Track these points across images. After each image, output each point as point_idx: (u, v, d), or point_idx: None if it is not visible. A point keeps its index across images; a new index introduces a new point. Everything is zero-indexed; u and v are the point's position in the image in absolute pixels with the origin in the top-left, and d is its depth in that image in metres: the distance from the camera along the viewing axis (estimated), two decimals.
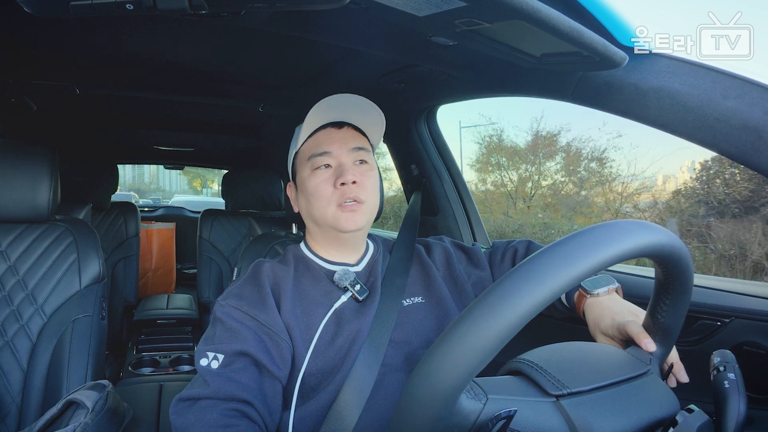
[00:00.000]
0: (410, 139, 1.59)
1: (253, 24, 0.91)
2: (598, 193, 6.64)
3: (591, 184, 6.70)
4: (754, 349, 0.88)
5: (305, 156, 0.88)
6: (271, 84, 1.58)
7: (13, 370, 1.13)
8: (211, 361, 0.74)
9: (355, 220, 0.84)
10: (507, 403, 0.45)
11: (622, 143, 7.42)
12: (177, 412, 0.71)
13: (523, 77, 1.03)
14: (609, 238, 0.42)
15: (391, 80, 1.31)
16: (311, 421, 0.76)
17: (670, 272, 0.51)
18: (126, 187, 15.45)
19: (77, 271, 1.22)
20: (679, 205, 5.31)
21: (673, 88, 0.77)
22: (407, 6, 0.68)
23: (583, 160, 6.66)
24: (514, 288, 0.38)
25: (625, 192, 6.20)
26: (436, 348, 0.39)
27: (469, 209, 1.58)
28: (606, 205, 6.33)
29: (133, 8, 0.57)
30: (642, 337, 0.61)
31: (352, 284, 0.84)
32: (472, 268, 0.99)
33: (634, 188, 6.19)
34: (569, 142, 6.79)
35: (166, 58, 1.35)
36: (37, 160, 1.18)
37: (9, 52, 1.24)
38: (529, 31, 0.69)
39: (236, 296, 0.81)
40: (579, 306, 0.82)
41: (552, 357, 0.53)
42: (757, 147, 0.69)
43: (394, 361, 0.80)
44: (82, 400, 0.94)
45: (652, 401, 0.51)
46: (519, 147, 6.87)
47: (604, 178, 6.53)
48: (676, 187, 5.92)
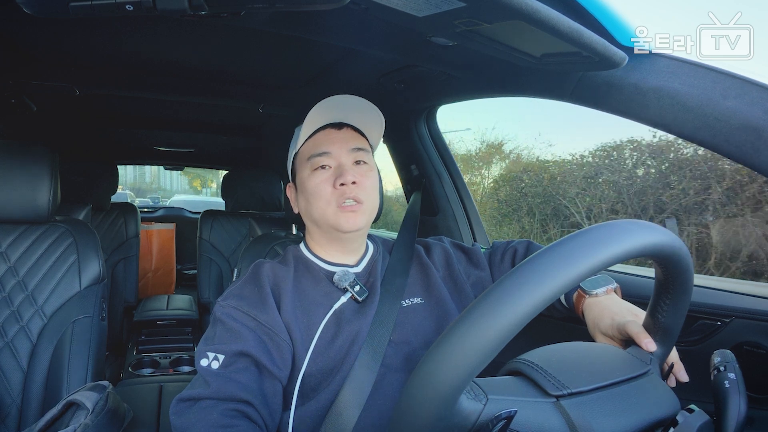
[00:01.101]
0: (410, 139, 1.59)
1: (253, 24, 0.91)
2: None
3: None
4: (755, 349, 0.88)
5: (305, 156, 0.88)
6: (271, 84, 1.58)
7: (14, 371, 1.13)
8: (211, 361, 0.74)
9: (355, 221, 0.84)
10: (507, 403, 0.45)
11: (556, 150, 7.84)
12: (177, 413, 0.71)
13: (523, 77, 1.03)
14: (609, 238, 0.42)
15: (390, 80, 1.31)
16: (311, 422, 0.76)
17: (671, 272, 0.51)
18: (128, 187, 15.57)
19: (77, 271, 1.22)
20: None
21: (673, 88, 0.77)
22: (407, 6, 0.68)
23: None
24: (514, 288, 0.38)
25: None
26: (436, 348, 0.39)
27: (469, 209, 1.58)
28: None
29: (132, 9, 0.57)
30: (642, 337, 0.61)
31: (352, 285, 0.84)
32: (471, 268, 0.99)
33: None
34: (512, 150, 7.16)
35: (166, 59, 1.35)
36: (37, 161, 1.18)
37: (9, 52, 1.24)
38: (529, 31, 0.69)
39: (236, 297, 0.81)
40: (578, 306, 0.82)
41: (552, 357, 0.53)
42: (757, 147, 0.69)
43: (393, 362, 0.80)
44: (82, 400, 0.94)
45: (652, 401, 0.51)
46: (472, 154, 7.17)
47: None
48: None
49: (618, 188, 4.42)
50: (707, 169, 3.66)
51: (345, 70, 1.34)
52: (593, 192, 4.67)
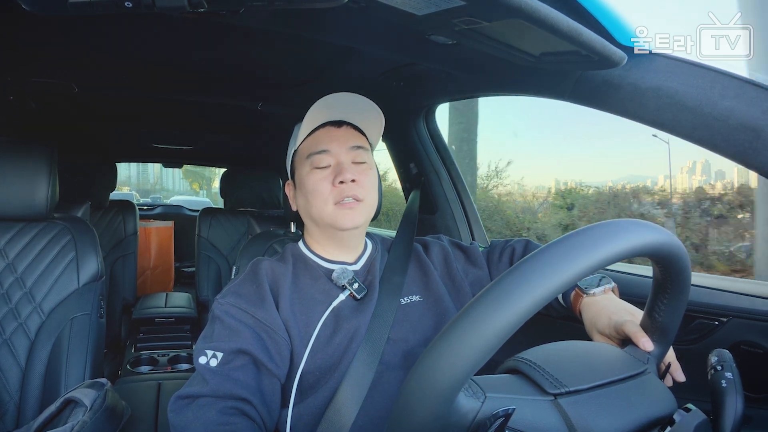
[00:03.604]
0: (409, 137, 1.59)
1: (252, 22, 0.91)
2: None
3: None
4: (752, 349, 0.88)
5: (304, 154, 0.88)
6: (270, 82, 1.57)
7: (12, 369, 1.12)
8: (209, 359, 0.74)
9: (353, 218, 0.84)
10: (505, 401, 0.45)
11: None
12: (175, 410, 0.71)
13: (522, 76, 1.03)
14: (607, 237, 0.42)
15: (390, 79, 1.31)
16: (309, 419, 0.76)
17: (668, 271, 0.51)
18: (135, 188, 15.71)
19: (75, 269, 1.21)
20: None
21: (672, 88, 0.77)
22: (406, 5, 0.68)
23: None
24: (512, 287, 0.38)
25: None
26: (434, 346, 0.39)
27: (468, 208, 1.58)
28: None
29: (131, 6, 0.57)
30: (639, 337, 0.61)
31: (350, 283, 0.84)
32: (470, 266, 0.99)
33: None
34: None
35: (165, 56, 1.35)
36: (36, 158, 1.17)
37: (8, 50, 1.24)
38: (528, 30, 0.69)
39: (235, 294, 0.82)
40: (575, 305, 0.82)
41: (550, 356, 0.53)
42: (755, 146, 0.69)
43: (391, 360, 0.80)
44: (80, 398, 0.94)
45: (649, 400, 0.51)
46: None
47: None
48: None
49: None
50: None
51: (344, 68, 1.34)
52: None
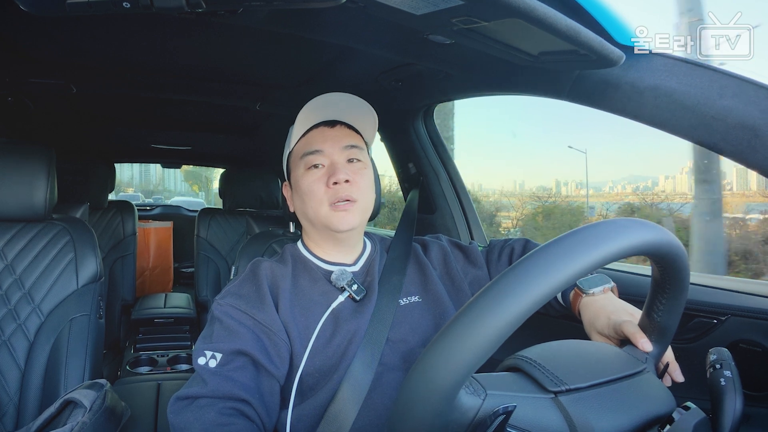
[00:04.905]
0: (408, 137, 1.59)
1: (251, 22, 0.91)
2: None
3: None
4: (750, 347, 0.88)
5: (298, 155, 0.88)
6: (269, 83, 1.58)
7: (11, 370, 1.12)
8: (209, 359, 0.74)
9: (348, 220, 0.84)
10: (506, 399, 0.45)
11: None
12: (175, 411, 0.71)
13: (520, 75, 1.03)
14: (606, 236, 0.42)
15: (388, 78, 1.31)
16: (309, 420, 0.76)
17: (667, 270, 0.51)
18: (140, 189, 15.88)
19: (74, 270, 1.21)
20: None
21: (670, 87, 0.77)
22: (405, 4, 0.68)
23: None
24: (511, 286, 0.39)
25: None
26: (435, 344, 0.39)
27: (467, 207, 1.58)
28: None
29: (129, 6, 0.57)
30: (638, 337, 0.61)
31: (349, 284, 0.84)
32: (469, 266, 0.99)
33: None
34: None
35: (164, 57, 1.35)
36: (34, 159, 1.17)
37: (6, 50, 1.23)
38: (526, 29, 0.69)
39: (234, 295, 0.81)
40: (574, 305, 0.82)
41: (550, 354, 0.53)
42: (754, 145, 0.69)
43: (391, 360, 0.80)
44: (79, 399, 0.93)
45: (649, 398, 0.51)
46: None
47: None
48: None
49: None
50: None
51: (343, 68, 1.34)
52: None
